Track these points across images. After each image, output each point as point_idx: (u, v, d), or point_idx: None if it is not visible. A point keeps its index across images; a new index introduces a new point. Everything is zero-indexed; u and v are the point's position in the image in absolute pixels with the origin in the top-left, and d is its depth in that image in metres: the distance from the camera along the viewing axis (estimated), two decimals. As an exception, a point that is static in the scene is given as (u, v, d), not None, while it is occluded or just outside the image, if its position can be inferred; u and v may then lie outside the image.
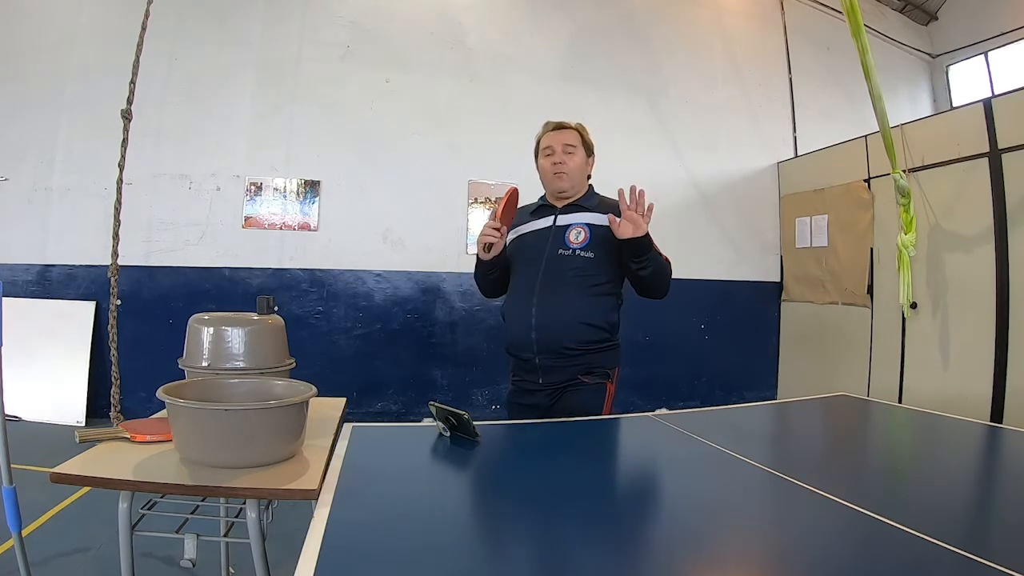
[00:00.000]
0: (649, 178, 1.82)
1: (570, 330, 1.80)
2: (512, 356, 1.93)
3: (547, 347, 1.81)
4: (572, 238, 1.87)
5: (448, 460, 1.36)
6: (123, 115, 3.62)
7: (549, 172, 1.93)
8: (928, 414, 1.87)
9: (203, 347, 1.58)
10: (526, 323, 1.83)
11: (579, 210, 1.91)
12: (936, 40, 6.47)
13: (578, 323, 1.80)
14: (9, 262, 4.26)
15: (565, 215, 1.92)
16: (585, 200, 1.94)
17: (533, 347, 1.82)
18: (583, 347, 1.81)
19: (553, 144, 1.91)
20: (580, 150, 1.93)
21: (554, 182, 1.92)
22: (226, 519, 1.41)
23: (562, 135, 1.92)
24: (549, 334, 1.80)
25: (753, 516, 1.09)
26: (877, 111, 3.42)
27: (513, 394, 1.97)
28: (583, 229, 1.87)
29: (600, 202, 1.93)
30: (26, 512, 1.83)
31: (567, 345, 1.80)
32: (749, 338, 5.37)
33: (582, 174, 1.94)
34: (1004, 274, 3.45)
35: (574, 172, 1.91)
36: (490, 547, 0.96)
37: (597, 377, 1.84)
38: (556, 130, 1.94)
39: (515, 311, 1.88)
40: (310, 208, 4.65)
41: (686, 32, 5.50)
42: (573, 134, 1.94)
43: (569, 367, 1.82)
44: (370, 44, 4.81)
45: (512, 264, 1.96)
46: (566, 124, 1.96)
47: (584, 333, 1.81)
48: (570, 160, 1.90)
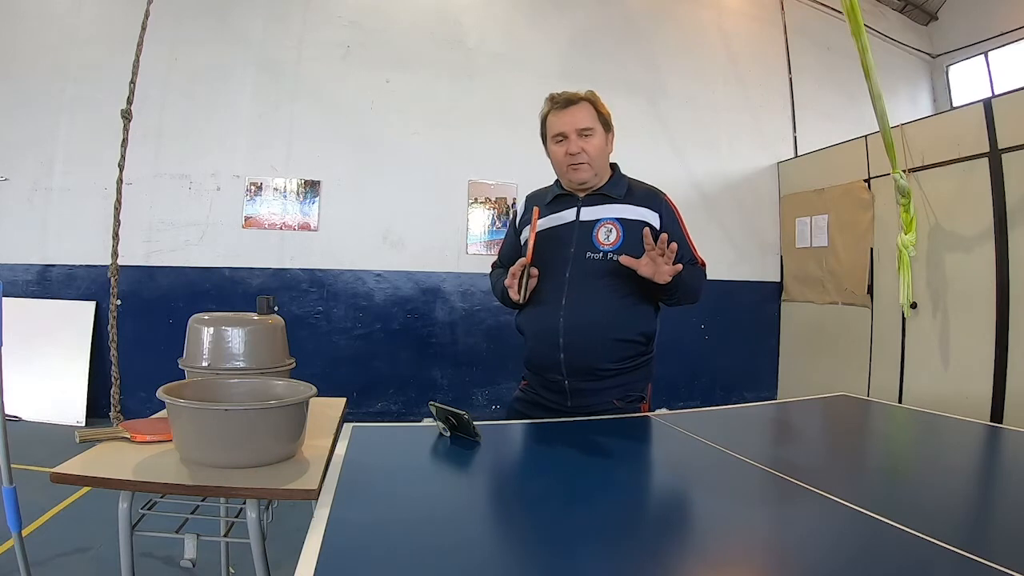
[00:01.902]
0: (649, 178, 1.77)
1: (605, 348, 1.58)
2: (533, 373, 1.71)
3: (579, 369, 1.59)
4: (602, 238, 1.60)
5: (448, 460, 1.36)
6: (123, 115, 3.61)
7: (564, 165, 1.61)
8: (928, 414, 1.87)
9: (203, 347, 1.58)
10: (552, 341, 1.59)
11: (606, 201, 1.63)
12: (936, 40, 6.47)
13: (614, 340, 1.59)
14: (9, 262, 4.26)
15: (589, 207, 1.64)
16: (612, 188, 1.65)
17: (562, 368, 1.59)
18: (619, 366, 1.61)
19: (565, 130, 1.59)
20: (598, 129, 1.60)
21: (574, 176, 1.62)
22: (226, 519, 1.41)
23: (574, 116, 1.59)
24: (581, 354, 1.58)
25: (753, 516, 1.09)
26: (877, 111, 3.42)
27: (523, 403, 1.73)
28: (614, 227, 1.60)
29: (629, 188, 1.65)
30: (26, 512, 1.84)
31: (602, 366, 1.59)
32: (749, 338, 5.37)
33: (604, 158, 1.64)
34: (1004, 274, 3.45)
35: (596, 160, 1.60)
36: (490, 547, 0.96)
37: (633, 401, 1.66)
38: (565, 108, 1.60)
39: (539, 326, 1.63)
40: (310, 208, 4.65)
41: (686, 32, 5.50)
42: (586, 111, 1.60)
43: (603, 389, 1.62)
44: (370, 44, 4.82)
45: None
46: (575, 97, 1.61)
47: (621, 350, 1.60)
48: (589, 146, 1.59)
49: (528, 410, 1.71)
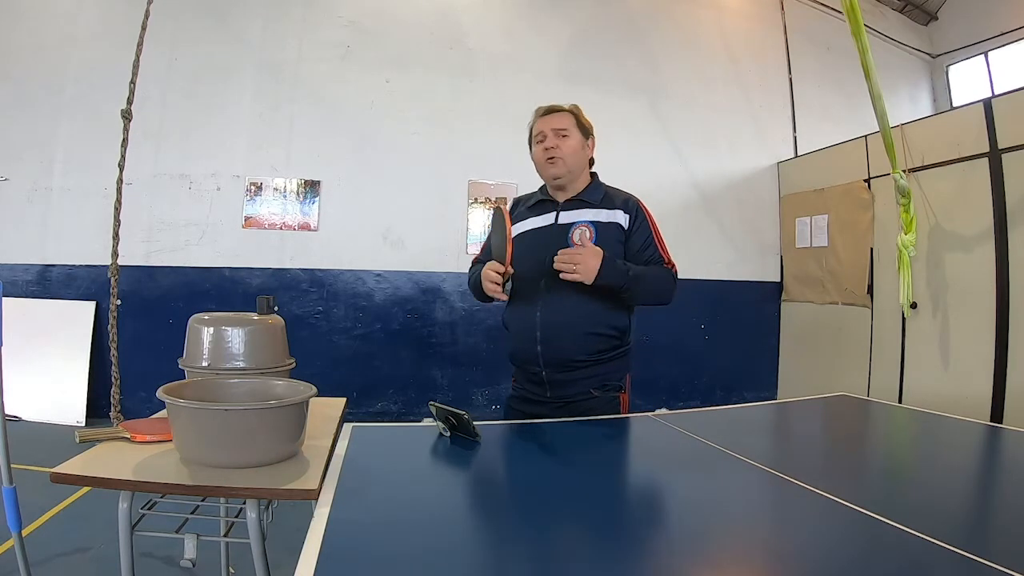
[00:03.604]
0: (649, 178, 1.79)
1: (578, 341, 1.70)
2: (517, 367, 1.85)
3: (555, 360, 1.71)
4: (576, 239, 1.73)
5: (448, 460, 1.36)
6: (123, 115, 3.61)
7: (542, 159, 1.79)
8: (928, 414, 1.87)
9: (203, 347, 1.58)
10: (531, 335, 1.72)
11: (582, 206, 1.78)
12: (936, 40, 6.47)
13: (587, 334, 1.71)
14: (9, 262, 4.26)
15: (567, 211, 1.78)
16: (589, 194, 1.80)
17: (539, 360, 1.72)
18: (593, 358, 1.72)
19: (544, 129, 1.78)
20: (575, 132, 1.78)
21: (548, 168, 1.78)
22: (226, 519, 1.41)
23: (553, 119, 1.78)
24: (556, 347, 1.70)
25: (753, 516, 1.09)
26: (877, 111, 3.42)
27: (515, 400, 1.88)
28: (588, 228, 1.74)
29: (606, 195, 1.80)
30: (26, 512, 1.84)
31: (576, 358, 1.71)
32: (749, 338, 5.37)
33: (579, 159, 1.79)
34: (1004, 274, 3.45)
35: (569, 156, 1.76)
36: (490, 547, 0.96)
37: (610, 391, 1.76)
38: (547, 114, 1.80)
39: (519, 322, 1.78)
40: (310, 208, 4.65)
41: (686, 32, 5.50)
42: (565, 116, 1.79)
43: (579, 380, 1.73)
44: (370, 44, 4.82)
45: None
46: (557, 107, 1.81)
47: (594, 343, 1.72)
48: (564, 144, 1.75)
49: (517, 405, 1.85)
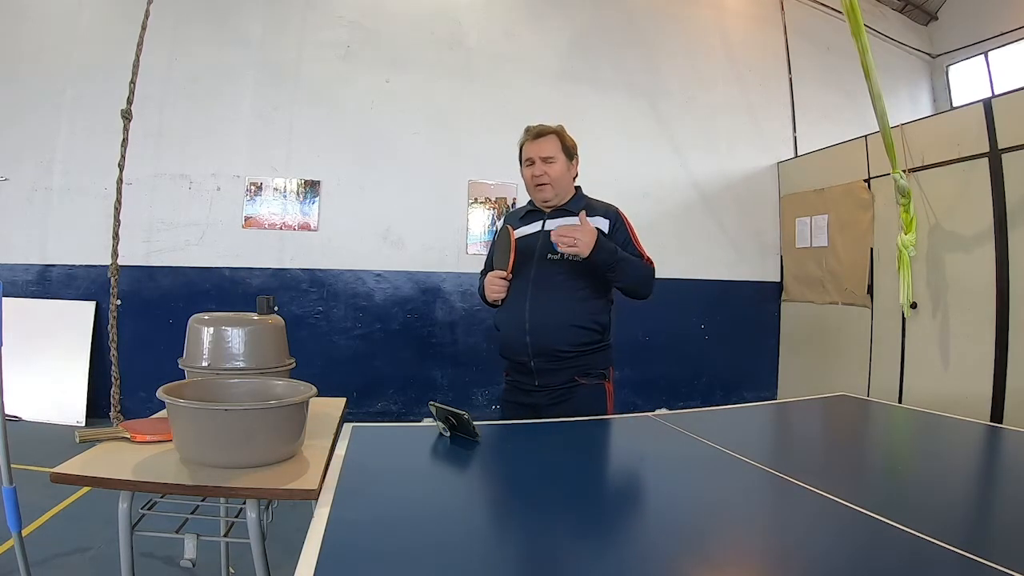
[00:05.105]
0: (649, 178, 1.80)
1: (563, 333, 1.86)
2: (507, 359, 1.99)
3: (541, 350, 1.86)
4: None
5: (448, 460, 1.36)
6: (123, 115, 3.62)
7: (531, 184, 1.99)
8: (928, 414, 1.87)
9: (203, 347, 1.58)
10: (520, 327, 1.88)
11: (566, 215, 1.96)
12: (936, 40, 6.47)
13: (570, 326, 1.86)
14: (9, 262, 4.26)
15: (553, 220, 1.97)
16: (572, 204, 1.99)
17: (528, 350, 1.87)
18: (576, 349, 1.87)
19: (532, 156, 1.96)
20: (560, 157, 1.96)
21: (537, 193, 1.99)
22: (226, 519, 1.41)
23: (540, 146, 1.96)
24: (543, 337, 1.85)
25: (753, 516, 1.09)
26: (877, 111, 3.42)
27: (508, 392, 2.02)
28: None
29: (588, 205, 1.98)
30: (26, 512, 1.84)
31: (561, 348, 1.86)
32: (749, 338, 5.36)
33: (565, 180, 1.98)
34: (1004, 274, 3.45)
35: (557, 181, 1.95)
36: (490, 547, 0.96)
37: (594, 378, 1.90)
38: (535, 139, 1.98)
39: (509, 316, 1.93)
40: (310, 208, 4.65)
41: (686, 32, 5.50)
42: (551, 143, 1.96)
43: (564, 369, 1.87)
44: (370, 44, 4.81)
45: None
46: (544, 130, 1.99)
47: (576, 335, 1.87)
48: (551, 170, 1.94)
49: (511, 396, 1.99)
